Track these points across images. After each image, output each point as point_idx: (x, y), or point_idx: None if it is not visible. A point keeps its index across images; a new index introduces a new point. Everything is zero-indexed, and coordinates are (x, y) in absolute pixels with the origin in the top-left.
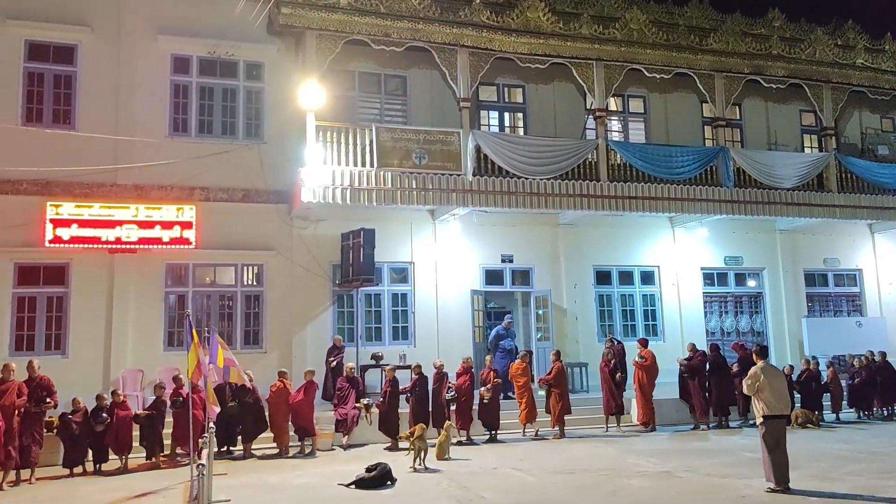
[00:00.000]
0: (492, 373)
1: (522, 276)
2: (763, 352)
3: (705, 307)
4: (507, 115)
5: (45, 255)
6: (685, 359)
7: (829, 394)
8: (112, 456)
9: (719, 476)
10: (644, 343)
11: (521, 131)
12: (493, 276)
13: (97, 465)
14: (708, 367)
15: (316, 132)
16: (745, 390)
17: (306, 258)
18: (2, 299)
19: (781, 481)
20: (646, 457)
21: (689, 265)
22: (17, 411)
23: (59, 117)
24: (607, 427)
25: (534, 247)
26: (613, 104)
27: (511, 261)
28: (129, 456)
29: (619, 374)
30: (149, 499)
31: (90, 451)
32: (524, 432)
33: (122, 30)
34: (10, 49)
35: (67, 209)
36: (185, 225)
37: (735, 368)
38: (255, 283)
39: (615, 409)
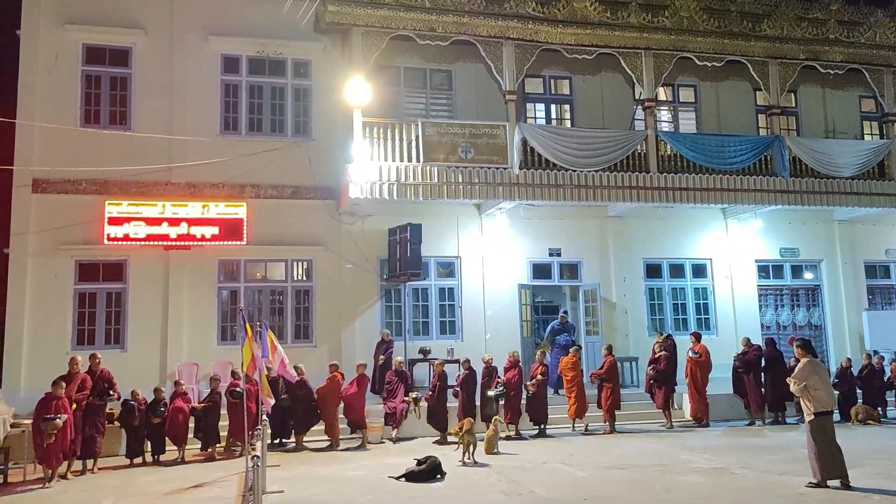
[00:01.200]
0: (540, 367)
1: (570, 270)
2: (807, 346)
3: (760, 300)
4: (553, 107)
5: (104, 253)
6: (740, 353)
7: (893, 390)
8: (170, 447)
9: (777, 473)
10: (697, 337)
11: (568, 123)
12: (540, 270)
13: (155, 456)
14: (764, 361)
15: (363, 128)
16: (792, 388)
17: (354, 253)
18: (65, 295)
19: (829, 476)
20: (699, 453)
21: (743, 257)
22: (79, 404)
23: (115, 118)
24: (670, 422)
25: (582, 240)
26: (663, 94)
27: (559, 254)
28: (186, 447)
29: (651, 368)
30: (204, 489)
31: (149, 443)
32: (574, 427)
33: (175, 31)
34: (69, 53)
35: (124, 208)
36: (237, 222)
37: (792, 363)
38: (304, 279)
39: (662, 404)
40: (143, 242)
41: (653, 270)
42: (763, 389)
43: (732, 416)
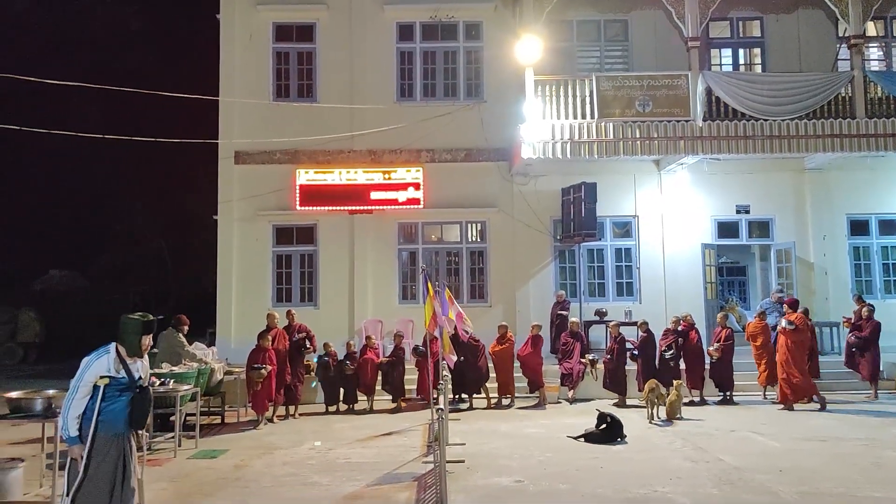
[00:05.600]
0: (724, 331)
1: (761, 228)
2: None
3: None
4: (742, 51)
5: (297, 218)
6: None
7: None
8: (361, 397)
9: None
10: (793, 305)
11: (758, 69)
12: (726, 229)
13: (349, 405)
14: None
15: (534, 87)
16: None
17: (527, 214)
18: (264, 257)
19: None
20: None
21: None
22: (280, 355)
23: (302, 91)
24: (876, 393)
25: (774, 195)
26: (872, 29)
27: (747, 211)
28: (375, 398)
29: (853, 335)
30: (393, 437)
31: (342, 392)
32: (765, 395)
33: (353, 4)
34: (261, 32)
35: (313, 175)
36: (414, 186)
37: None
38: (478, 240)
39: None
40: (330, 207)
41: (858, 227)
42: None
43: None
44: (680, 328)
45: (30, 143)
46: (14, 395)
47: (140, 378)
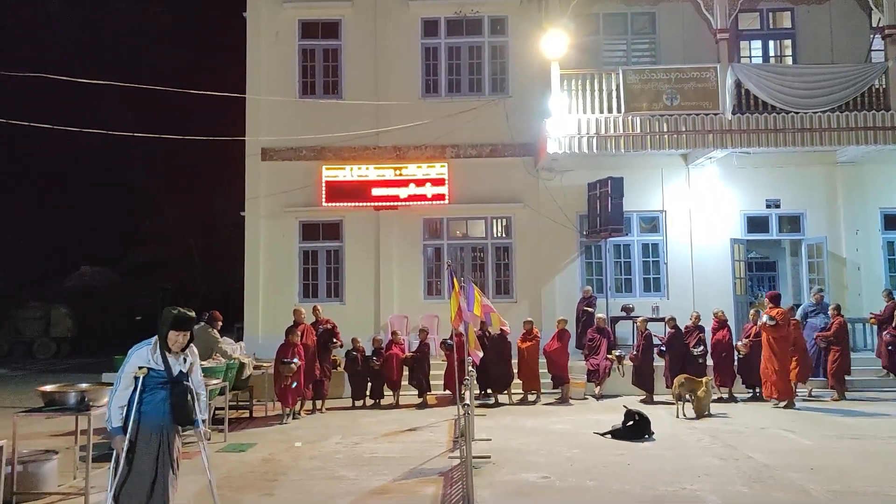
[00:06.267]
0: (754, 327)
1: (791, 223)
2: None
3: None
4: (772, 43)
5: (323, 214)
6: None
7: None
8: (387, 392)
9: None
10: (774, 300)
11: (789, 60)
12: (756, 224)
13: (376, 400)
14: None
15: (560, 81)
16: None
17: (553, 209)
18: (291, 253)
19: None
20: None
21: None
22: (308, 350)
23: (328, 88)
24: None
25: (805, 189)
26: None
27: (778, 206)
28: (400, 393)
29: (888, 333)
30: (418, 432)
31: (369, 387)
32: (795, 392)
33: (378, 0)
34: (287, 29)
35: (339, 172)
36: (439, 181)
37: None
38: (504, 236)
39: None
40: (355, 203)
41: (893, 222)
42: None
43: None
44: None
45: (63, 142)
46: (48, 388)
47: (179, 373)
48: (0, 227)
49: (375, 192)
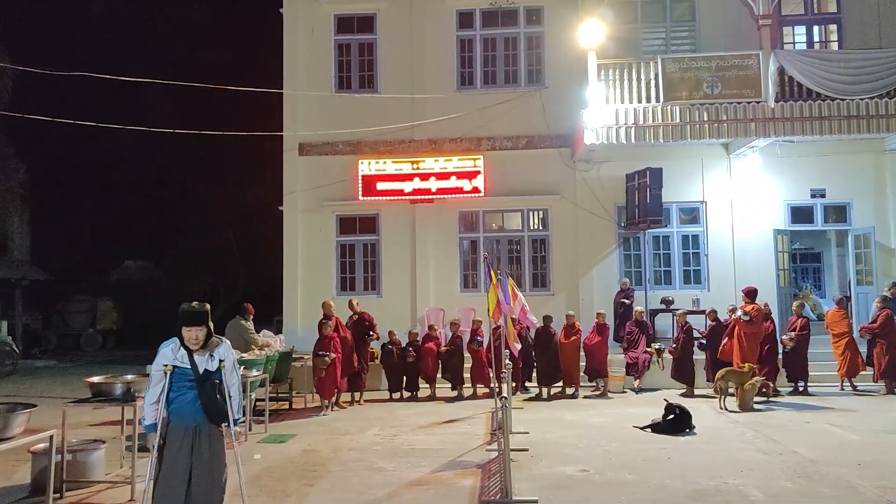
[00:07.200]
0: (800, 320)
1: (837, 213)
2: None
3: None
4: (816, 28)
5: (359, 208)
6: None
7: None
8: (424, 385)
9: None
10: (750, 295)
11: (834, 46)
12: (800, 214)
13: (412, 392)
14: None
15: (597, 71)
16: None
17: (590, 201)
18: (328, 247)
19: None
20: None
21: None
22: (344, 343)
23: (364, 82)
24: None
25: (852, 178)
26: None
27: (823, 195)
28: (438, 386)
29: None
30: (456, 425)
31: (405, 379)
32: (842, 386)
33: None
34: (323, 25)
35: (375, 166)
36: (475, 174)
37: None
38: (540, 228)
39: None
40: (391, 197)
41: None
42: None
43: None
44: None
45: (108, 139)
46: (95, 379)
47: (206, 371)
48: (49, 224)
49: (411, 185)
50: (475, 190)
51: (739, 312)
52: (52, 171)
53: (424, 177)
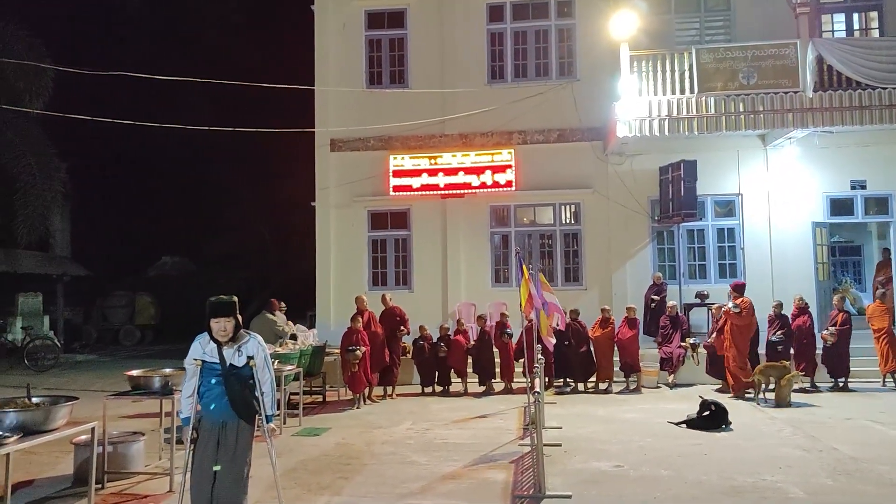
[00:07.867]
0: (840, 314)
1: (879, 205)
2: None
3: None
4: (856, 15)
5: (391, 203)
6: None
7: None
8: (456, 379)
9: None
10: (738, 289)
11: (875, 33)
12: (839, 206)
13: (444, 387)
14: None
15: (630, 63)
16: None
17: (623, 194)
18: (361, 242)
19: None
20: None
21: None
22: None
23: (394, 77)
24: None
25: (894, 169)
26: None
27: (864, 187)
28: (469, 381)
29: None
30: (488, 419)
31: (437, 374)
32: (884, 382)
33: None
34: (354, 21)
35: (405, 161)
36: (506, 168)
37: None
38: (572, 222)
39: None
40: (422, 192)
41: None
42: None
43: None
44: (786, 313)
45: (144, 137)
46: (134, 373)
47: (231, 366)
48: (89, 221)
49: (442, 180)
50: (507, 184)
51: (730, 305)
52: (92, 171)
53: (455, 171)
